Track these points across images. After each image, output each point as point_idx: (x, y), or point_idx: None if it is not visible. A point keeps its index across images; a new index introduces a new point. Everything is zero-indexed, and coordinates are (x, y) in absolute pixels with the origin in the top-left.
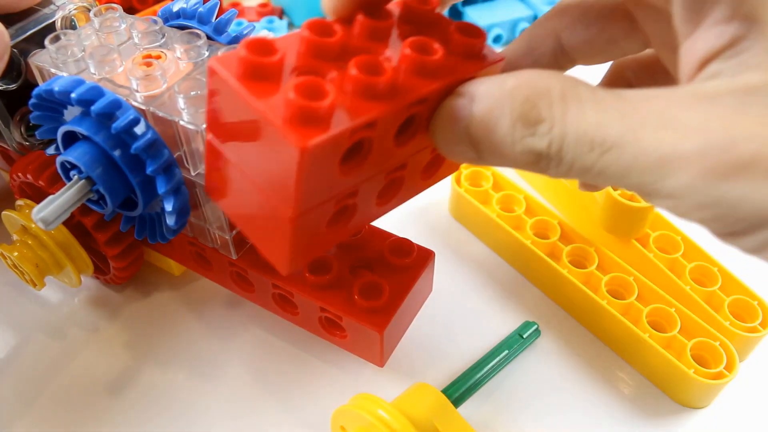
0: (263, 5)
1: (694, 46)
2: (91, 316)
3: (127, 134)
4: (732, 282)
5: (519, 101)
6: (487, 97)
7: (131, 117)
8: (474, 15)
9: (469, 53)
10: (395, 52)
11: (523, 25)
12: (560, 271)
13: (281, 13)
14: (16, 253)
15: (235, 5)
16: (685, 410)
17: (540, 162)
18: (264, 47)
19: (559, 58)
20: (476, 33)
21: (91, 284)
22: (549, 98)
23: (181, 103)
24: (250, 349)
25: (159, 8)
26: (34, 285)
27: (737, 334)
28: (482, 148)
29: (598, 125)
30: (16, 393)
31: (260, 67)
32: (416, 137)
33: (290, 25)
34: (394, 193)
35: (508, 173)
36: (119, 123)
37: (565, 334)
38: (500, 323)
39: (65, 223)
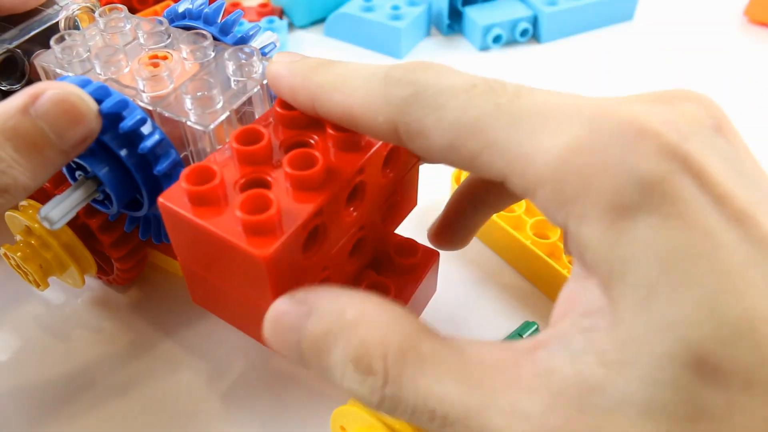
0: (263, 5)
1: (570, 295)
2: (95, 316)
3: (134, 134)
4: None
5: (354, 343)
6: (324, 320)
7: (138, 117)
8: (474, 15)
9: None
10: (321, 132)
11: (523, 25)
12: (560, 271)
13: (281, 13)
14: (19, 254)
15: (235, 6)
16: None
17: (375, 406)
18: (204, 174)
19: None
20: None
21: (93, 285)
22: (384, 351)
23: (188, 103)
24: (253, 348)
25: (159, 8)
26: (38, 285)
27: None
28: (312, 367)
29: (440, 397)
30: (21, 394)
31: (205, 194)
32: (366, 200)
33: (290, 26)
34: (363, 248)
35: None
36: (127, 123)
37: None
38: (500, 323)
39: (69, 224)
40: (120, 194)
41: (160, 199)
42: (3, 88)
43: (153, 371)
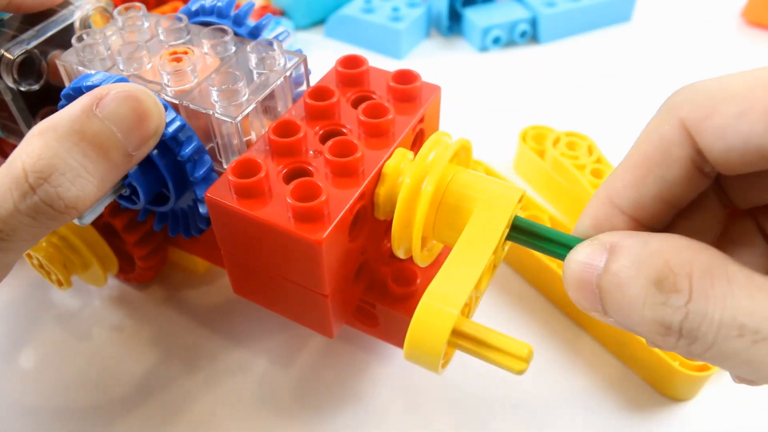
0: (264, 7)
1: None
2: (115, 315)
3: None
4: None
5: (657, 265)
6: (626, 252)
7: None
8: (473, 16)
9: (408, 97)
10: (352, 117)
11: (522, 26)
12: (548, 264)
13: (282, 14)
14: (43, 254)
15: (237, 7)
16: (671, 402)
17: (668, 335)
18: (249, 167)
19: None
20: (411, 78)
21: (111, 283)
22: (690, 269)
23: (214, 96)
24: (275, 346)
25: (169, 8)
26: (61, 285)
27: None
28: (609, 304)
29: (751, 311)
30: (47, 395)
31: (253, 186)
32: None
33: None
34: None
35: (500, 167)
36: None
37: (551, 326)
38: (490, 314)
39: (92, 223)
40: (146, 188)
41: (207, 194)
42: (22, 88)
43: (174, 368)
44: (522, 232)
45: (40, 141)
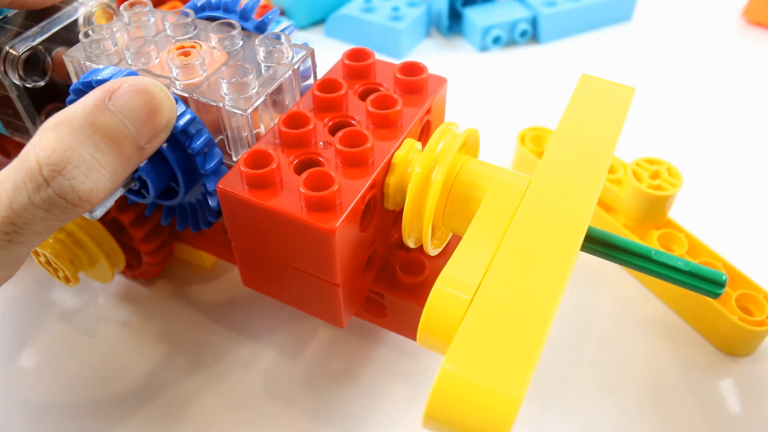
0: (264, 6)
1: None
2: (122, 311)
3: None
4: (738, 277)
5: None
6: None
7: None
8: (473, 16)
9: (415, 88)
10: (359, 109)
11: (522, 26)
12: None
13: (282, 13)
14: (50, 250)
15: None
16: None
17: None
18: (261, 158)
19: None
20: (417, 70)
21: (118, 279)
22: None
23: (224, 88)
24: (283, 339)
25: (167, 8)
26: (68, 281)
27: (745, 328)
28: None
29: None
30: (55, 393)
31: (264, 177)
32: None
33: None
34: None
35: None
36: None
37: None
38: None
39: (100, 220)
40: (156, 181)
41: (219, 186)
42: (27, 85)
43: (181, 363)
44: (597, 242)
45: (53, 134)
